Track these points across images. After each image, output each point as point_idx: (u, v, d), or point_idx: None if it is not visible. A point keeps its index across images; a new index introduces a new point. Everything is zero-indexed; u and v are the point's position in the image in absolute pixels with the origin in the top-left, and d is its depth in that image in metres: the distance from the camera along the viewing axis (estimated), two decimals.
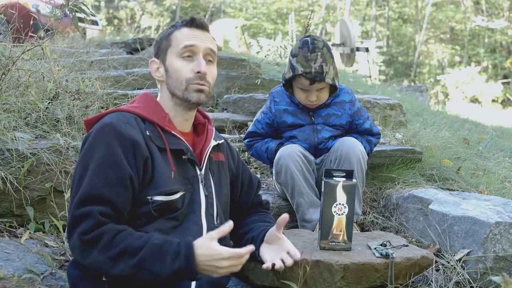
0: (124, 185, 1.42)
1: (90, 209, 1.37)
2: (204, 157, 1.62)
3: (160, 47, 1.62)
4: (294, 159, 2.24)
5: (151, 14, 20.40)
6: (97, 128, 1.47)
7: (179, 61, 1.57)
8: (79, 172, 1.43)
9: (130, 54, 6.50)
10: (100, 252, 1.34)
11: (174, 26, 1.63)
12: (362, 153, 2.28)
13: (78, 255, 1.37)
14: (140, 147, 1.45)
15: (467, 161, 3.41)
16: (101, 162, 1.41)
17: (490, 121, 8.70)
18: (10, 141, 2.02)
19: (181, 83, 1.56)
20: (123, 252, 1.34)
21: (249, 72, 4.67)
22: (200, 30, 1.61)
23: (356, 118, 2.50)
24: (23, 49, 2.47)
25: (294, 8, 23.09)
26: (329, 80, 2.29)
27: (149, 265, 1.33)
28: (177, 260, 1.34)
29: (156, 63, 1.63)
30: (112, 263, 1.34)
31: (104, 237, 1.35)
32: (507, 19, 23.36)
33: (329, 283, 1.67)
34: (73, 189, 1.43)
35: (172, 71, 1.58)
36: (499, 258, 2.04)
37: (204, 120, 1.71)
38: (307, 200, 2.24)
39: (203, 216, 1.56)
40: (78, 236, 1.35)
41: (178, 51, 1.57)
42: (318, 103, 2.40)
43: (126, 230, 1.38)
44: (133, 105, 1.59)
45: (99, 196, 1.38)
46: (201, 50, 1.58)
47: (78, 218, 1.36)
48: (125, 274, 1.34)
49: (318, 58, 2.26)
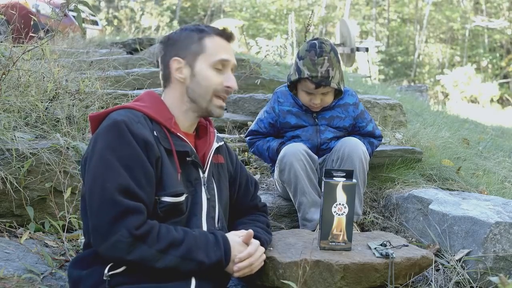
0: (151, 186, 1.43)
1: (139, 204, 1.37)
2: (207, 159, 1.62)
3: (190, 50, 1.58)
4: (299, 157, 2.23)
5: (151, 14, 20.40)
6: (110, 123, 1.44)
7: (211, 72, 1.57)
8: (101, 164, 1.39)
9: (130, 54, 6.50)
10: (150, 246, 1.36)
11: (203, 30, 1.59)
12: (364, 154, 2.27)
13: (123, 250, 1.34)
14: (153, 147, 1.45)
15: (467, 161, 3.41)
16: (128, 161, 1.40)
17: (490, 121, 8.71)
18: (10, 141, 2.02)
19: (207, 93, 1.57)
20: (170, 244, 1.39)
21: (249, 72, 4.67)
22: (229, 43, 1.62)
23: (359, 121, 2.51)
24: (23, 49, 2.47)
25: (294, 8, 23.10)
26: (334, 84, 2.30)
27: (194, 256, 1.42)
28: (218, 250, 1.46)
29: (180, 63, 1.58)
30: (160, 256, 1.38)
31: (153, 231, 1.38)
32: (506, 19, 23.36)
33: (329, 283, 1.67)
34: (97, 182, 1.37)
35: (202, 79, 1.57)
36: (499, 258, 2.04)
37: (205, 122, 1.71)
38: (309, 199, 2.24)
39: (204, 219, 1.56)
40: (128, 231, 1.33)
41: (212, 62, 1.57)
42: (322, 106, 2.40)
43: (162, 224, 1.43)
44: (139, 103, 1.57)
45: (137, 194, 1.39)
46: (231, 65, 1.61)
47: (127, 210, 1.34)
48: (170, 266, 1.39)
49: (325, 62, 2.26)
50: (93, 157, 1.42)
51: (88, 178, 1.42)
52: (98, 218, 1.36)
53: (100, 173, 1.38)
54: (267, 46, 7.04)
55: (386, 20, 25.76)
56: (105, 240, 1.34)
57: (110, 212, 1.34)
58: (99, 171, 1.38)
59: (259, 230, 1.72)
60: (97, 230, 1.36)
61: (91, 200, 1.38)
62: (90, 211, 1.39)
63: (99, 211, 1.36)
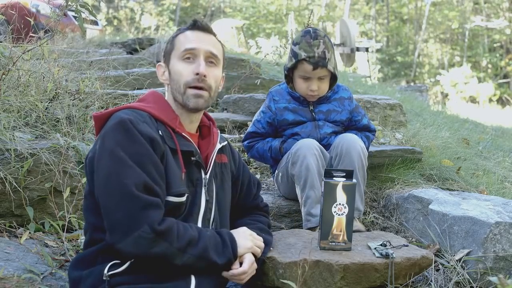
0: (164, 182, 1.44)
1: (157, 199, 1.38)
2: (210, 160, 1.62)
3: (166, 51, 1.64)
4: (312, 152, 2.23)
5: (150, 14, 20.40)
6: (116, 122, 1.43)
7: (180, 64, 1.58)
8: (114, 161, 1.38)
9: (130, 54, 6.50)
10: (171, 243, 1.37)
11: (180, 30, 1.64)
12: (363, 149, 2.28)
13: (146, 246, 1.34)
14: (158, 144, 1.45)
15: (467, 161, 3.41)
16: (139, 158, 1.39)
17: (490, 121, 8.70)
18: (10, 141, 2.02)
19: (180, 86, 1.57)
20: (188, 243, 1.40)
21: (249, 72, 4.68)
22: (203, 33, 1.61)
23: (355, 115, 2.54)
24: (23, 49, 2.47)
25: (294, 7, 23.10)
26: (331, 68, 2.33)
27: (209, 255, 1.44)
28: (227, 251, 1.49)
29: (162, 67, 1.65)
30: (178, 254, 1.39)
31: (174, 228, 1.39)
32: (506, 19, 23.37)
33: (329, 283, 1.67)
34: (112, 178, 1.36)
35: (173, 73, 1.59)
36: (499, 258, 2.04)
37: (208, 123, 1.71)
38: (317, 194, 2.22)
39: (199, 220, 1.57)
40: (150, 226, 1.33)
41: (179, 54, 1.58)
42: (319, 94, 2.41)
43: (179, 221, 1.44)
44: (143, 103, 1.57)
45: (153, 189, 1.39)
46: (202, 53, 1.58)
47: (147, 205, 1.34)
48: (187, 264, 1.41)
49: (321, 44, 2.32)
50: (102, 156, 1.41)
51: (100, 176, 1.40)
52: (117, 214, 1.34)
53: (114, 170, 1.37)
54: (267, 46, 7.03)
55: (386, 20, 25.75)
56: (127, 235, 1.33)
57: (131, 208, 1.33)
58: (113, 169, 1.37)
59: (261, 228, 1.73)
60: (117, 226, 1.35)
61: (108, 198, 1.37)
62: (107, 209, 1.37)
63: (118, 207, 1.34)
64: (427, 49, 26.18)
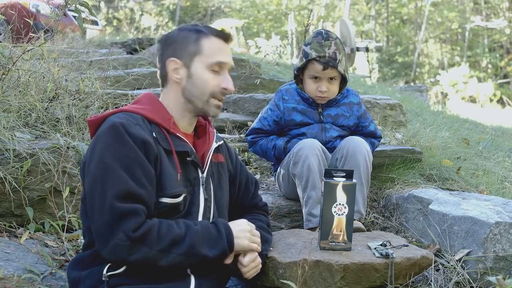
0: (152, 185, 1.43)
1: (136, 206, 1.37)
2: (206, 159, 1.62)
3: (185, 49, 1.57)
4: (315, 152, 2.23)
5: (150, 14, 20.39)
6: (108, 126, 1.44)
7: (207, 73, 1.56)
8: (101, 167, 1.39)
9: (130, 54, 6.50)
10: (150, 247, 1.37)
11: (200, 31, 1.58)
12: (368, 153, 2.28)
13: (124, 253, 1.35)
14: (151, 146, 1.45)
15: (467, 161, 3.41)
16: (127, 162, 1.40)
17: (490, 121, 8.70)
18: (10, 141, 2.02)
19: (204, 94, 1.57)
20: (171, 243, 1.39)
21: (249, 72, 4.68)
22: (227, 44, 1.62)
23: (362, 120, 2.53)
24: (23, 49, 2.47)
25: (293, 7, 23.09)
26: (341, 69, 2.33)
27: (198, 250, 1.43)
28: (221, 242, 1.47)
29: (177, 64, 1.57)
30: (162, 255, 1.38)
31: (152, 231, 1.38)
32: (506, 19, 23.37)
33: (329, 283, 1.67)
34: (97, 186, 1.38)
35: (199, 80, 1.56)
36: (499, 258, 2.04)
37: (204, 122, 1.71)
38: (318, 195, 2.22)
39: (199, 219, 1.56)
40: (125, 234, 1.34)
41: (209, 63, 1.56)
42: (329, 97, 2.41)
43: (163, 221, 1.43)
44: (137, 106, 1.57)
45: (137, 195, 1.38)
46: (228, 67, 1.61)
47: (123, 214, 1.35)
48: (173, 264, 1.40)
49: (332, 45, 2.32)
50: (92, 161, 1.43)
51: (87, 182, 1.43)
52: (98, 223, 1.37)
53: (99, 177, 1.39)
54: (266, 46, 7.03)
55: (385, 20, 25.75)
56: (106, 244, 1.36)
57: (107, 217, 1.35)
58: (98, 175, 1.39)
59: (260, 226, 1.72)
60: (98, 235, 1.38)
61: (91, 205, 1.39)
62: (91, 216, 1.40)
63: (98, 216, 1.37)
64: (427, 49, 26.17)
